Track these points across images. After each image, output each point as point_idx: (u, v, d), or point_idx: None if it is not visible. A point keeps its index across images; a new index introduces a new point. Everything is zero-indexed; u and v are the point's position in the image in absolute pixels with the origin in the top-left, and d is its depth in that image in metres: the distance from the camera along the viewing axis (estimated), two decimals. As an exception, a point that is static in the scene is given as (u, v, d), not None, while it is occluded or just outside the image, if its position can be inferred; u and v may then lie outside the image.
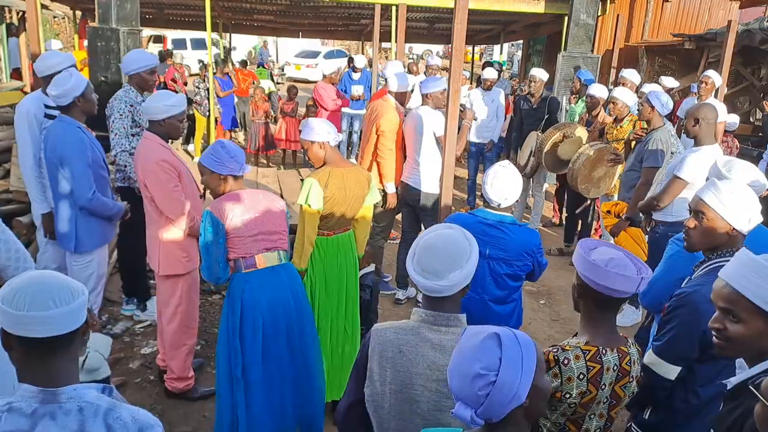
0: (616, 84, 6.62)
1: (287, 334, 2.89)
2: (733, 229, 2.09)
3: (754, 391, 1.28)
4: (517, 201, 3.00)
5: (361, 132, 10.15)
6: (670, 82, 7.74)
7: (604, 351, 1.89)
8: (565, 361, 1.85)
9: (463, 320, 1.74)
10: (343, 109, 9.35)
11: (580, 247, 1.93)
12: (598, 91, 6.18)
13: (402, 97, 5.06)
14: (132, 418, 1.40)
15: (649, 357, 2.15)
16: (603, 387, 1.90)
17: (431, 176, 4.74)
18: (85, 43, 7.62)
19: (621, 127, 5.54)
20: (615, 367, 1.89)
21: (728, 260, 2.06)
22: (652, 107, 4.68)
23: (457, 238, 1.74)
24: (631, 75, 6.61)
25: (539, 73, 7.00)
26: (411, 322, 1.74)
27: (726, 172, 2.69)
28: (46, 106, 3.74)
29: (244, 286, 2.82)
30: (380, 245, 5.19)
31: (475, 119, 6.92)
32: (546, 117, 6.90)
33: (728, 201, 2.07)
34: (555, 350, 1.89)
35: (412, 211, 5.02)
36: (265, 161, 10.15)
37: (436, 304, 1.72)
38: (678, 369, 2.09)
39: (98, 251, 3.79)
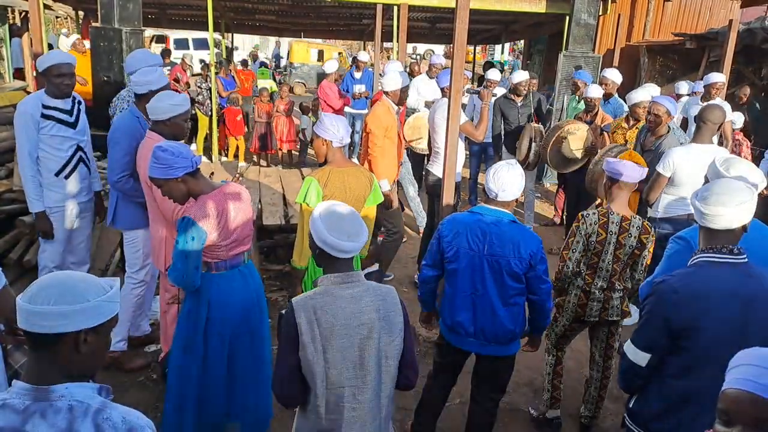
0: (601, 83, 6.62)
1: (251, 333, 2.91)
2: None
3: None
4: (517, 201, 3.00)
5: (362, 132, 10.19)
6: (683, 87, 7.75)
7: (611, 212, 3.26)
8: (586, 215, 3.28)
9: (362, 276, 2.09)
10: (345, 109, 9.36)
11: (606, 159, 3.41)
12: (595, 92, 6.20)
13: (396, 97, 5.05)
14: (122, 419, 1.38)
15: (627, 343, 2.23)
16: (611, 233, 3.23)
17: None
18: (65, 42, 7.56)
19: (636, 129, 5.51)
20: (617, 222, 3.22)
21: (713, 256, 2.10)
22: (670, 114, 4.70)
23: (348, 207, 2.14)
24: (613, 75, 6.70)
25: (525, 76, 7.10)
26: (323, 288, 2.04)
27: (724, 171, 2.71)
28: (44, 106, 3.76)
29: (211, 287, 2.78)
30: (393, 247, 5.20)
31: (495, 95, 6.92)
32: (534, 110, 7.01)
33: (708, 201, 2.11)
34: (583, 212, 3.30)
35: (431, 198, 5.27)
36: (265, 162, 10.18)
37: (341, 266, 2.05)
38: (647, 356, 2.14)
39: (140, 231, 3.85)
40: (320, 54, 21.98)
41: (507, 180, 2.84)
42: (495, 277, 2.88)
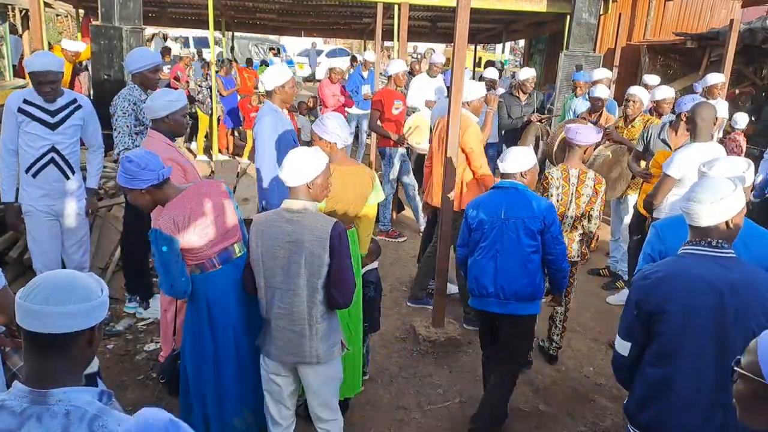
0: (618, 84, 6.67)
1: (255, 321, 2.87)
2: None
3: (736, 368, 1.36)
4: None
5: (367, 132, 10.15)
6: (652, 80, 7.68)
7: (569, 169, 3.92)
8: (551, 173, 3.96)
9: (313, 206, 2.61)
10: (352, 110, 9.28)
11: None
12: (602, 92, 6.20)
13: (478, 109, 4.76)
14: (116, 427, 1.36)
15: (616, 336, 2.30)
16: (572, 184, 3.90)
17: None
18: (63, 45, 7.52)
19: (633, 126, 5.51)
20: (576, 176, 3.90)
21: (694, 248, 2.14)
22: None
23: (310, 150, 2.66)
24: (586, 77, 7.10)
25: (532, 73, 7.17)
26: (277, 210, 2.63)
27: (707, 170, 2.71)
28: (25, 101, 3.76)
29: (207, 286, 2.78)
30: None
31: (501, 99, 6.94)
32: (536, 108, 7.05)
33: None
34: (547, 171, 3.97)
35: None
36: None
37: (293, 195, 2.61)
38: (628, 345, 2.20)
39: None
40: (478, 61, 19.98)
41: (512, 153, 3.35)
42: (513, 237, 3.29)
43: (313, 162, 2.60)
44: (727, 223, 2.12)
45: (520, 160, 3.34)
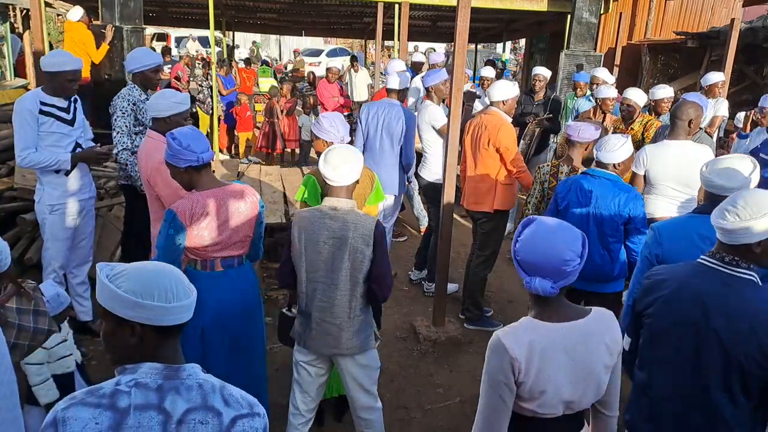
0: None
1: (231, 335, 2.84)
2: None
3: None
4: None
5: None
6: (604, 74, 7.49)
7: (561, 164, 4.00)
8: (542, 167, 4.11)
9: (353, 204, 2.67)
10: None
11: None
12: (609, 92, 6.11)
13: (511, 109, 4.60)
14: (240, 395, 1.52)
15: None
16: (560, 181, 3.76)
17: (435, 167, 5.07)
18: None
19: (632, 129, 5.49)
20: (566, 173, 3.91)
21: (704, 259, 2.00)
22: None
23: (353, 149, 2.72)
24: (585, 77, 7.13)
25: (543, 71, 7.06)
26: (319, 207, 2.69)
27: (708, 174, 2.62)
28: (42, 103, 3.74)
29: (191, 282, 2.78)
30: (483, 276, 4.74)
31: (480, 97, 6.93)
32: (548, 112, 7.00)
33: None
34: (539, 165, 4.18)
35: (428, 201, 5.36)
36: (266, 161, 10.17)
37: (335, 192, 2.66)
38: (628, 340, 2.21)
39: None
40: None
41: (610, 144, 3.38)
42: (597, 227, 3.42)
43: (361, 160, 2.69)
44: (751, 246, 1.88)
45: (615, 151, 3.37)
